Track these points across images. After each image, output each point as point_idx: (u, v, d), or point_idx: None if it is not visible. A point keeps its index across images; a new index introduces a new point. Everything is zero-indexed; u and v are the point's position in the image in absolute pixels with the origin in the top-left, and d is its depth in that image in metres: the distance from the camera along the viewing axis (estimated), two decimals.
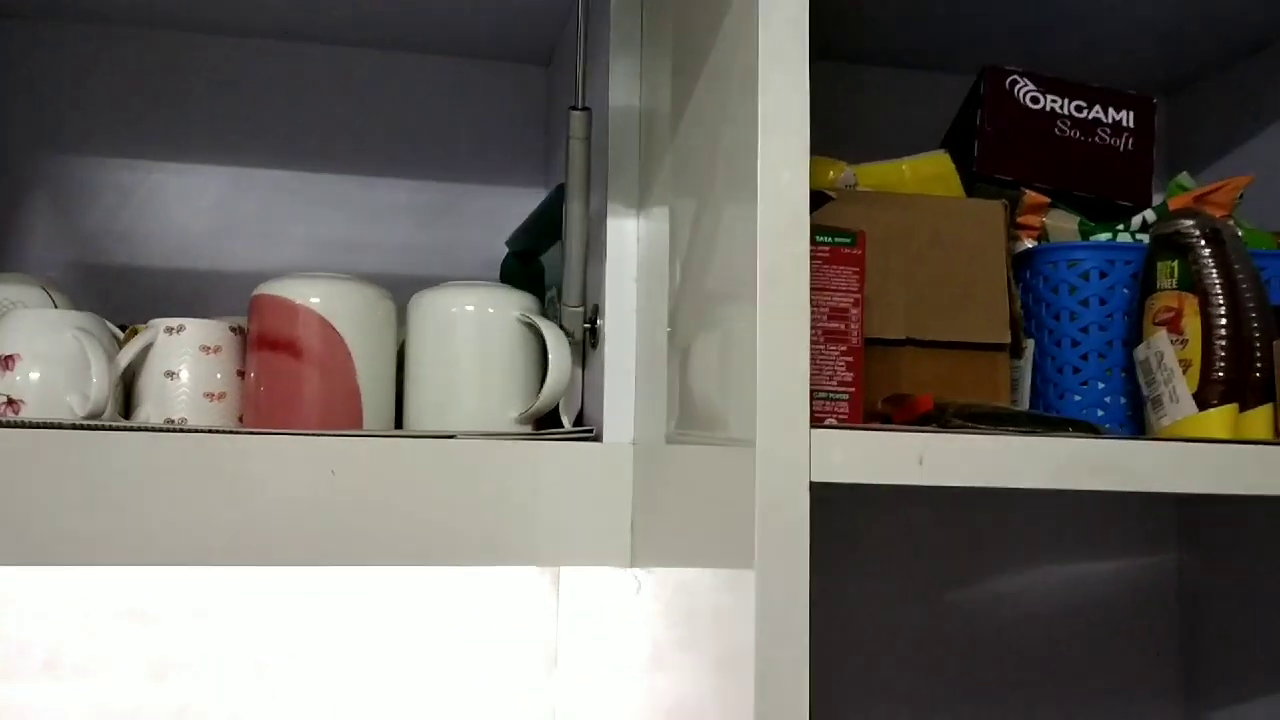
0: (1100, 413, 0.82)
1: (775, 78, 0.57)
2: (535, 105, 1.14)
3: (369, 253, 1.09)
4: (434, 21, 1.05)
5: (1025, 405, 0.83)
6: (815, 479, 0.53)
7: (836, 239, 0.70)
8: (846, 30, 1.12)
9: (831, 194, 0.71)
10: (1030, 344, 0.84)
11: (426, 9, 1.02)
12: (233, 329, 0.82)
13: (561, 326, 0.82)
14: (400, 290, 0.85)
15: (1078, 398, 0.82)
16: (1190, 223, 0.77)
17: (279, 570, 1.03)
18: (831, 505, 1.08)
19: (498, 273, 1.04)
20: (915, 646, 1.14)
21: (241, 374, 0.81)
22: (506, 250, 1.05)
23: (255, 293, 0.81)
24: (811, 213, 0.72)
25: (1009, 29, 1.10)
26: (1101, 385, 0.82)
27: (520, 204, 1.10)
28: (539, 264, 1.03)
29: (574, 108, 0.78)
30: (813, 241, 0.69)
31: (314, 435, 0.75)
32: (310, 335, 0.78)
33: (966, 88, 0.96)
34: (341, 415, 0.79)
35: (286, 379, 0.79)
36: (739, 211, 0.59)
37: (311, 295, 0.79)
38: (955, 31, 1.11)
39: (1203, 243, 0.76)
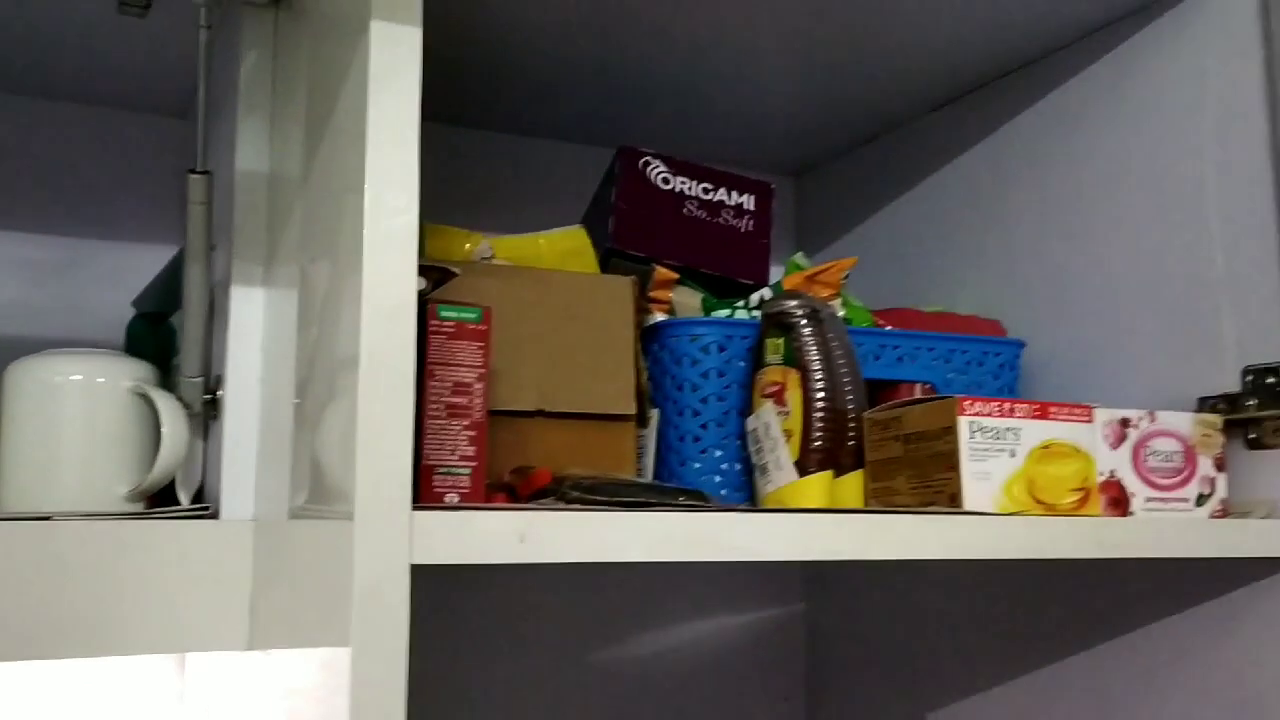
0: (718, 479, 0.87)
1: (385, 151, 0.57)
2: (170, 158, 1.08)
3: None
4: (61, 65, 0.98)
5: (649, 473, 0.87)
6: (416, 561, 0.53)
7: (462, 314, 0.71)
8: (498, 99, 1.14)
9: (456, 269, 0.72)
10: (655, 414, 0.88)
11: (52, 51, 0.96)
12: None
13: (180, 397, 0.78)
14: (11, 355, 0.78)
15: (698, 465, 0.87)
16: (794, 303, 0.83)
17: None
18: (486, 575, 1.09)
19: (123, 335, 0.98)
20: (560, 714, 1.16)
21: None
22: (133, 311, 0.99)
23: None
24: (439, 287, 0.73)
25: (653, 111, 1.16)
26: (719, 453, 0.87)
27: (151, 261, 1.04)
28: (169, 326, 0.98)
29: (193, 171, 0.74)
30: (437, 316, 0.70)
31: None
32: None
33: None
34: None
35: None
36: (352, 284, 0.58)
37: None
38: (603, 110, 1.16)
39: (804, 322, 0.83)
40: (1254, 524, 0.80)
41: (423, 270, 0.70)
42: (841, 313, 0.97)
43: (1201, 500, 0.82)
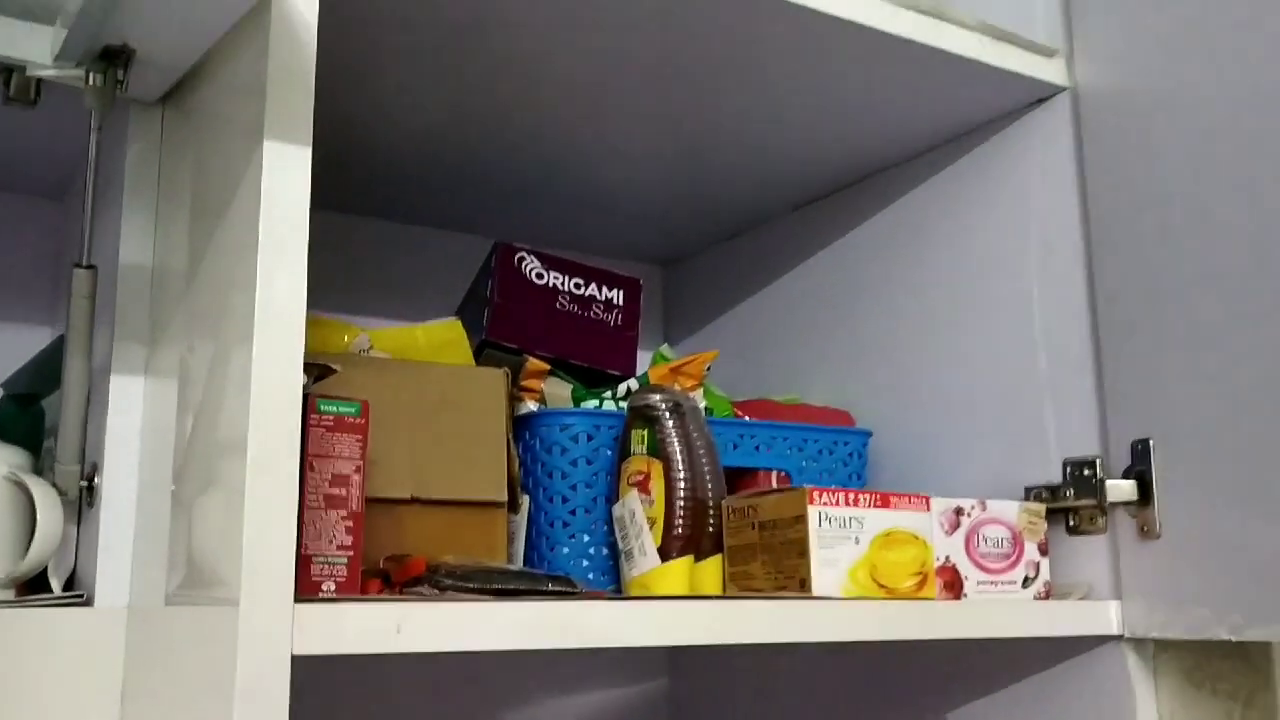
0: (586, 563, 0.91)
1: (276, 250, 0.60)
2: (44, 240, 1.09)
3: None
4: None
5: (520, 558, 0.90)
6: (298, 652, 0.55)
7: (341, 408, 0.74)
8: (380, 189, 1.18)
9: (337, 366, 0.75)
10: (526, 500, 0.92)
11: None
12: None
13: (54, 484, 0.79)
14: None
15: (566, 550, 0.91)
16: (658, 397, 0.89)
17: None
18: (359, 659, 1.10)
19: None
20: None
21: None
22: (2, 392, 0.99)
23: None
24: (319, 381, 0.76)
25: (528, 204, 1.22)
26: (587, 538, 0.91)
27: (23, 344, 1.04)
28: (39, 408, 0.98)
29: (78, 265, 0.76)
30: (317, 410, 0.73)
31: None
32: None
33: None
34: None
35: None
36: (238, 375, 0.61)
37: None
38: (481, 202, 1.21)
39: (668, 415, 0.88)
40: (1072, 604, 0.88)
41: (305, 366, 0.73)
42: (703, 403, 1.03)
43: (1027, 582, 0.90)
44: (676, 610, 0.68)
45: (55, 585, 0.79)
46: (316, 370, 0.74)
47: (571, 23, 0.85)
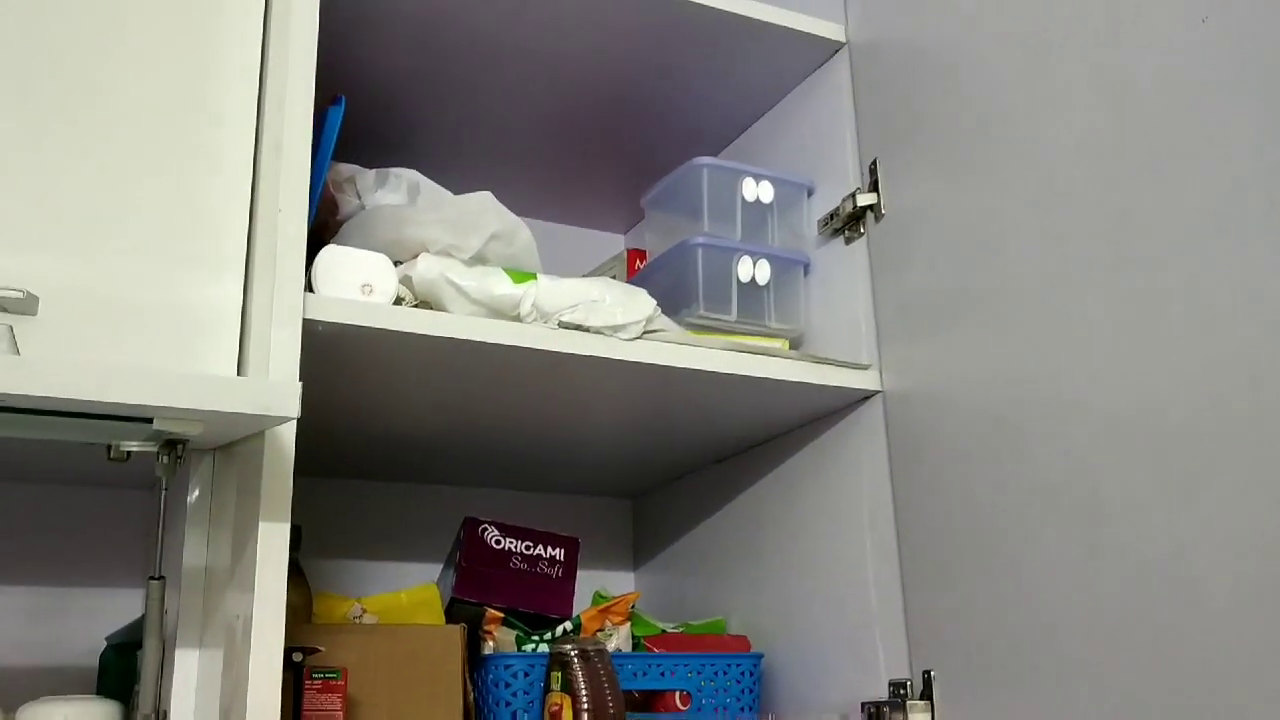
0: None
1: (264, 588, 0.94)
2: (137, 523, 1.46)
3: None
4: (50, 456, 1.36)
5: None
6: None
7: (326, 676, 1.07)
8: (383, 459, 1.53)
9: (320, 648, 1.08)
10: None
11: (69, 454, 1.34)
12: None
13: None
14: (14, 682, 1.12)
15: None
16: (569, 647, 1.19)
17: None
18: None
19: (97, 662, 1.33)
20: None
21: None
22: (105, 643, 1.34)
23: None
24: (309, 655, 1.09)
25: (514, 462, 1.55)
26: None
27: (127, 606, 1.40)
28: (134, 656, 1.33)
29: (152, 577, 1.11)
30: (309, 677, 1.06)
31: None
32: None
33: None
34: None
35: None
36: (238, 674, 0.95)
37: None
38: (473, 459, 1.55)
39: (577, 661, 1.19)
40: None
41: (301, 649, 1.07)
42: (629, 634, 1.34)
43: None
44: None
45: None
46: (308, 649, 1.07)
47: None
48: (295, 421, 1.00)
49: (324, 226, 1.24)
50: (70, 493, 1.44)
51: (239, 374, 1.04)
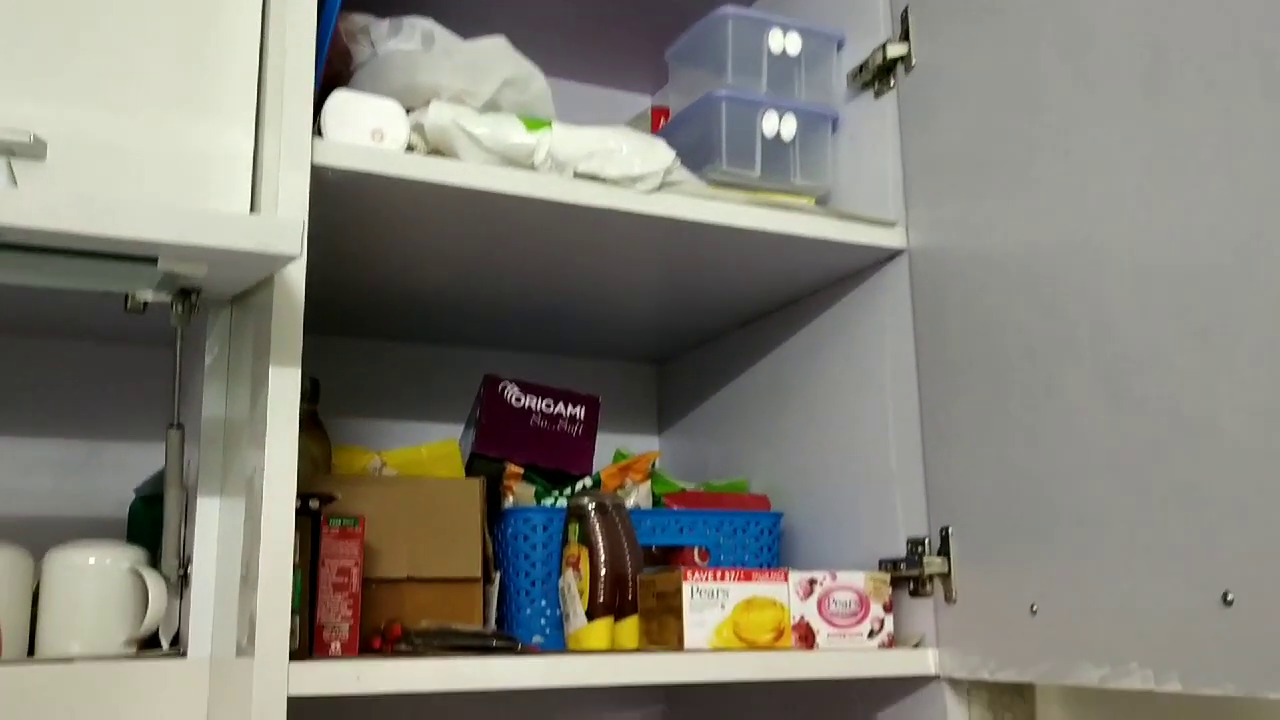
0: (543, 621, 1.23)
1: (275, 435, 0.94)
2: (166, 380, 1.47)
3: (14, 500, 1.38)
4: (78, 310, 1.37)
5: (492, 622, 1.23)
6: (291, 693, 0.89)
7: (344, 522, 1.08)
8: (399, 317, 1.53)
9: (336, 495, 1.09)
10: (498, 576, 1.24)
11: (85, 310, 1.35)
12: None
13: (162, 572, 1.15)
14: (45, 531, 1.15)
15: (528, 612, 1.23)
16: (587, 500, 1.20)
17: None
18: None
19: (127, 513, 1.35)
20: None
21: None
22: (134, 495, 1.37)
23: None
24: (327, 504, 1.10)
25: (543, 323, 1.54)
26: (544, 603, 1.23)
27: (152, 458, 1.41)
28: (162, 509, 1.35)
29: (170, 426, 1.12)
30: (327, 524, 1.07)
31: None
32: None
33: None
34: None
35: None
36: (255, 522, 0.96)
37: None
38: (499, 321, 1.54)
39: (594, 514, 1.19)
40: (902, 651, 1.16)
41: (317, 495, 1.08)
42: (649, 492, 1.35)
43: (873, 634, 1.18)
44: (556, 663, 0.99)
45: (164, 643, 1.15)
46: (325, 496, 1.08)
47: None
48: (304, 269, 0.99)
49: (338, 76, 1.21)
50: (100, 349, 1.45)
51: None
